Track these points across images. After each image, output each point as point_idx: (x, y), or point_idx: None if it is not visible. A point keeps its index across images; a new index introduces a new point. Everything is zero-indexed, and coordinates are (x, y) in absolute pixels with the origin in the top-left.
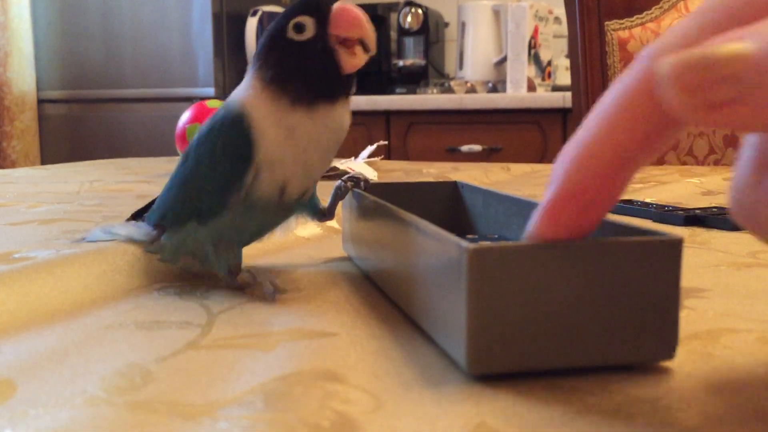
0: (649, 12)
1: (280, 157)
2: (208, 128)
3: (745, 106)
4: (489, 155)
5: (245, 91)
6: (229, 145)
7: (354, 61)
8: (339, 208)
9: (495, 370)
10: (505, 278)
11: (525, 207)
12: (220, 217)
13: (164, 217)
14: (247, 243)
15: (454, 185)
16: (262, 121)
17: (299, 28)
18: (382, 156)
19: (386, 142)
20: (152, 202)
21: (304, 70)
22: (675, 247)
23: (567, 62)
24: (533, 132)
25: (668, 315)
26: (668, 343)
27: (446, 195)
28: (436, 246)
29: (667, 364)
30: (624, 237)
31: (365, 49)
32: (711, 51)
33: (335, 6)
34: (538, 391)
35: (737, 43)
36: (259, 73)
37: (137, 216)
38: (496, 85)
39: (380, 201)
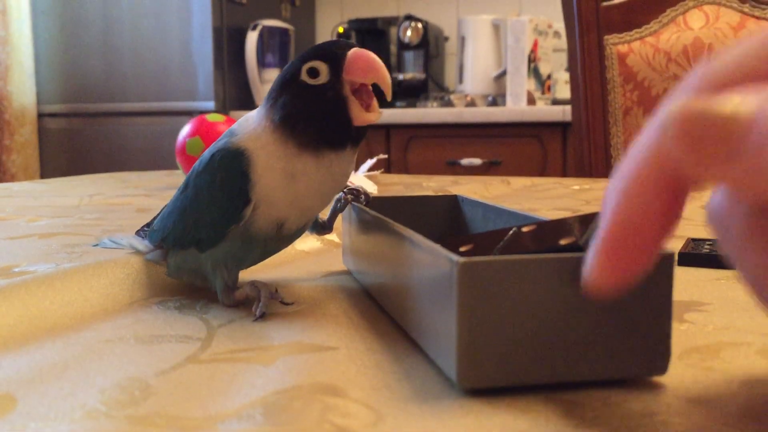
0: (648, 26)
1: (277, 199)
2: (209, 157)
3: (737, 168)
4: (489, 169)
5: (254, 126)
6: (228, 181)
7: (365, 116)
8: (339, 221)
9: (485, 384)
10: (495, 292)
11: (523, 221)
12: (218, 247)
13: (165, 240)
14: (248, 267)
15: (454, 199)
16: (263, 163)
17: (313, 72)
18: (382, 169)
19: (386, 156)
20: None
21: (314, 116)
22: (667, 261)
23: (566, 76)
24: (533, 145)
25: (660, 329)
26: (660, 358)
27: (446, 209)
28: (428, 259)
29: (666, 377)
30: None
31: (385, 95)
32: (714, 106)
33: (350, 52)
34: (537, 406)
35: (741, 104)
36: (270, 112)
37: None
38: (496, 99)
39: (377, 215)
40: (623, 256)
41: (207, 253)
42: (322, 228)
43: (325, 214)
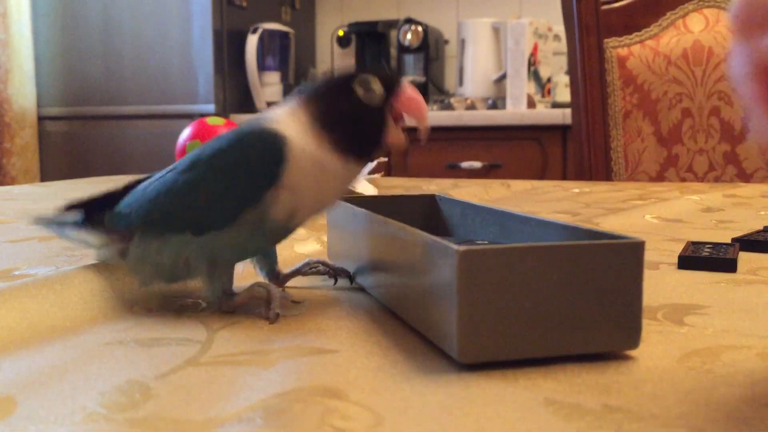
0: (648, 29)
1: (304, 187)
2: (235, 139)
3: None
4: (489, 172)
5: (286, 117)
6: (260, 159)
7: (398, 141)
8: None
9: (482, 358)
10: (490, 276)
11: (500, 216)
12: (220, 231)
13: (147, 223)
14: (241, 261)
15: (432, 198)
16: (299, 148)
17: (366, 86)
18: (383, 173)
19: (386, 159)
20: (105, 196)
21: (357, 128)
22: (637, 248)
23: (566, 79)
24: (533, 148)
25: (633, 308)
26: (633, 333)
27: (424, 207)
28: (428, 251)
29: (666, 378)
30: (593, 240)
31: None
32: None
33: (405, 84)
34: (538, 410)
35: None
36: (310, 107)
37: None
38: (496, 102)
39: (370, 212)
40: None
41: (201, 241)
42: (276, 277)
43: (285, 267)
